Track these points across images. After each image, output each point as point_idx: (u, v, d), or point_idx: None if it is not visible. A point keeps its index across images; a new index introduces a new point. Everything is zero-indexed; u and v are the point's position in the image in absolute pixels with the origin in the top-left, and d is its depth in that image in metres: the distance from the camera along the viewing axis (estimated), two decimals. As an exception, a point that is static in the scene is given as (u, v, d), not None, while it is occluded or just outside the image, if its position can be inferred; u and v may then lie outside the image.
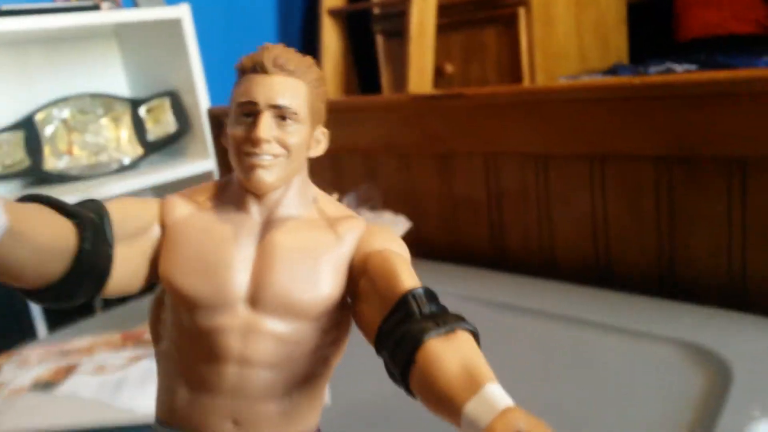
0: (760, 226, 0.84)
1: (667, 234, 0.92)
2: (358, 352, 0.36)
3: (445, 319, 0.31)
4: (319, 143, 0.38)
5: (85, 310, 1.59)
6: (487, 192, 1.09)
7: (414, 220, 1.11)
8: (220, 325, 0.35)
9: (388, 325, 0.33)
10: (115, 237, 0.35)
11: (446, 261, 1.15)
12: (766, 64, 1.64)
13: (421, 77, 1.81)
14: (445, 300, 0.34)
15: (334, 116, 1.36)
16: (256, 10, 2.16)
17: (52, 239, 0.31)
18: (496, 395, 0.28)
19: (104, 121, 1.72)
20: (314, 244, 0.37)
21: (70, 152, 1.67)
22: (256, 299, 0.35)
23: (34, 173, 1.59)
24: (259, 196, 0.37)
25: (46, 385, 0.82)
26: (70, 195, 1.45)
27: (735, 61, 1.69)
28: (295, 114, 0.36)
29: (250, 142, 0.34)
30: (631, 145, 0.91)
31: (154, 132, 1.74)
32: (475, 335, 0.32)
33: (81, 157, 1.68)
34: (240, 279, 0.36)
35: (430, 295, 0.33)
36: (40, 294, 0.33)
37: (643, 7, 2.24)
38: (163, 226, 0.37)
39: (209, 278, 0.35)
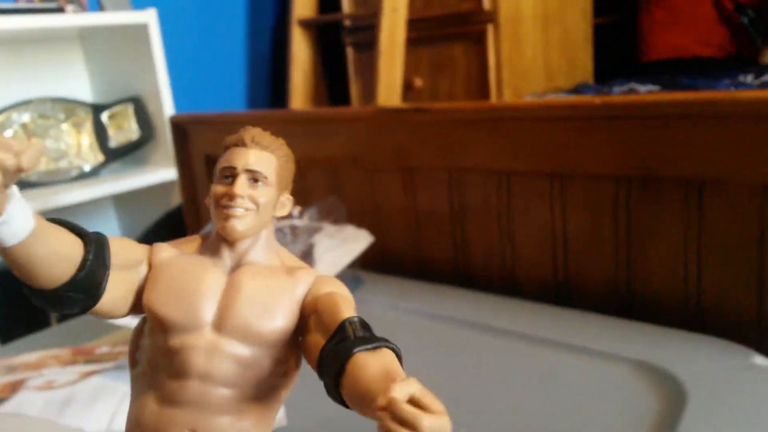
0: (716, 247, 0.85)
1: (626, 252, 0.93)
2: (314, 375, 0.40)
3: (372, 340, 0.37)
4: (284, 206, 0.46)
5: (39, 324, 1.55)
6: (451, 207, 1.09)
7: (378, 234, 1.10)
8: (188, 344, 0.42)
9: (327, 348, 0.38)
10: (112, 262, 0.41)
11: (410, 276, 1.15)
12: (726, 86, 1.67)
13: (390, 90, 1.81)
14: (407, 317, 0.44)
15: (301, 127, 1.35)
16: (225, 17, 2.15)
17: (64, 246, 0.38)
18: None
19: (65, 126, 1.68)
20: (274, 284, 0.44)
21: (28, 157, 1.62)
22: (220, 324, 0.42)
23: (-10, 178, 1.55)
24: (231, 243, 0.44)
25: (-11, 400, 0.79)
26: (28, 201, 1.41)
27: (697, 82, 1.73)
28: (266, 178, 0.44)
29: (227, 197, 0.42)
30: (591, 163, 0.92)
31: (116, 139, 1.70)
32: (398, 355, 0.37)
33: (40, 163, 1.64)
34: (208, 306, 0.43)
35: (364, 324, 0.39)
36: (44, 294, 0.39)
37: (608, 27, 2.28)
38: (150, 265, 0.45)
39: (182, 305, 0.42)
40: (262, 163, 0.44)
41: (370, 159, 1.15)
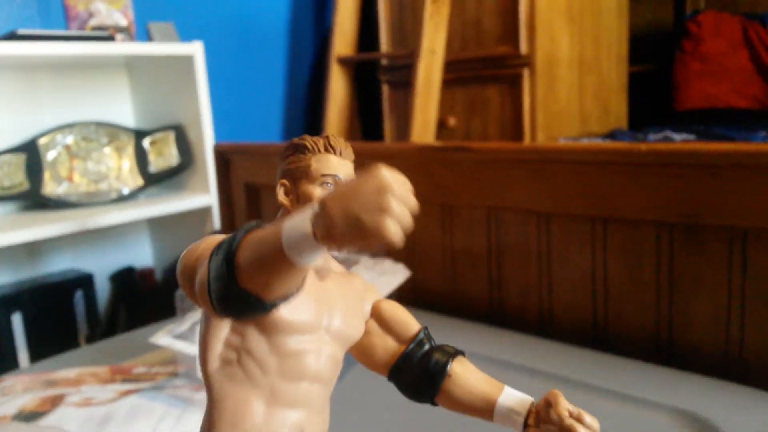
0: (760, 296, 0.84)
1: (667, 299, 0.92)
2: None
3: (448, 349, 0.47)
4: None
5: (67, 344, 1.57)
6: (488, 245, 1.10)
7: (414, 270, 1.11)
8: (306, 348, 0.43)
9: (411, 353, 0.47)
10: None
11: (445, 312, 1.14)
12: (763, 138, 1.67)
13: (424, 128, 1.84)
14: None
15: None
16: (266, 52, 2.20)
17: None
18: (513, 390, 0.46)
19: (107, 149, 1.72)
20: (352, 291, 0.48)
21: (70, 178, 1.66)
22: (329, 328, 0.45)
23: (32, 197, 1.59)
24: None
25: (30, 415, 0.80)
26: (65, 221, 1.44)
27: (732, 133, 1.73)
28: None
29: None
30: (633, 208, 0.92)
31: (156, 164, 1.74)
32: (463, 354, 0.48)
33: (81, 184, 1.68)
34: (324, 311, 0.45)
35: (430, 333, 0.49)
36: (261, 303, 0.37)
37: (643, 75, 2.30)
38: None
39: (306, 309, 0.44)
40: (353, 174, 0.47)
41: (409, 194, 1.16)
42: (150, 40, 1.66)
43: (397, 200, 0.30)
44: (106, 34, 1.56)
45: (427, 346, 0.47)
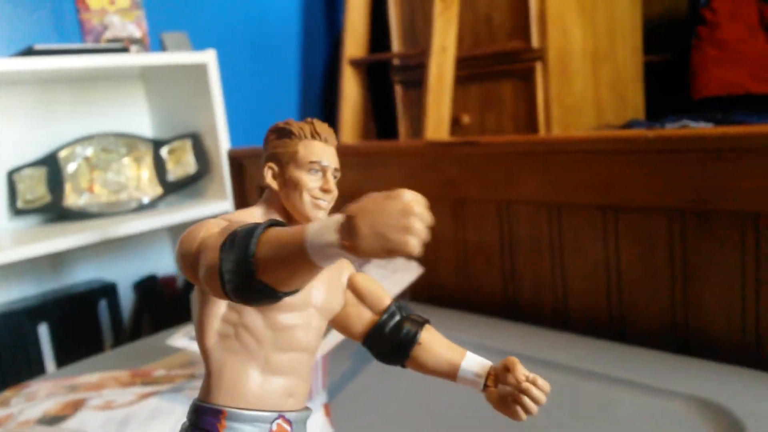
0: (776, 281, 0.83)
1: (681, 286, 0.91)
2: (359, 391, 0.42)
3: (417, 319, 0.51)
4: None
5: (93, 349, 1.60)
6: (500, 239, 1.10)
7: (427, 266, 1.11)
8: (298, 322, 0.47)
9: (383, 323, 0.51)
10: None
11: (459, 308, 1.14)
12: (782, 123, 1.64)
13: (437, 127, 1.84)
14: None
15: (352, 160, 1.37)
16: (279, 56, 2.22)
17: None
18: (475, 355, 0.50)
19: (126, 160, 1.75)
20: (333, 266, 0.51)
21: (90, 190, 1.70)
22: (316, 303, 0.49)
23: (54, 209, 1.62)
24: None
25: (53, 419, 0.82)
26: (87, 232, 1.47)
27: (751, 119, 1.70)
28: (339, 174, 0.50)
29: (322, 191, 0.48)
30: (645, 196, 0.91)
31: (174, 172, 1.77)
32: (429, 322, 0.52)
33: (101, 195, 1.71)
34: (314, 288, 0.48)
35: (403, 304, 0.53)
36: (273, 293, 0.39)
37: (659, 64, 2.27)
38: None
39: (302, 292, 0.45)
40: (337, 161, 0.49)
41: (420, 191, 1.16)
42: (164, 50, 1.69)
43: (419, 219, 0.34)
44: (120, 46, 1.59)
45: (398, 317, 0.51)
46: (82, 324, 1.62)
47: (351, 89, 2.10)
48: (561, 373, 0.88)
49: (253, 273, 0.38)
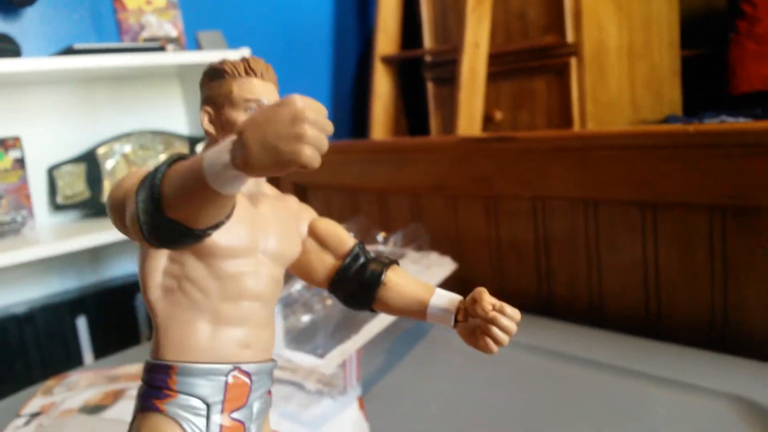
0: (820, 280, 0.81)
1: (721, 285, 0.90)
2: (400, 400, 0.42)
3: (383, 260, 0.50)
4: None
5: (130, 340, 1.63)
6: (535, 235, 1.09)
7: (460, 262, 1.11)
8: (243, 270, 0.45)
9: (347, 267, 0.50)
10: None
11: (491, 305, 1.14)
12: (825, 118, 1.60)
13: (470, 123, 1.83)
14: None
15: (384, 156, 1.37)
16: (312, 54, 2.24)
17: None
18: (444, 291, 0.48)
19: (163, 157, 1.78)
20: (287, 214, 0.50)
21: (128, 185, 1.73)
22: (265, 250, 0.47)
23: (93, 205, 1.66)
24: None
25: (94, 408, 0.84)
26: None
27: (793, 115, 1.66)
28: None
29: None
30: (683, 193, 0.90)
31: (208, 169, 1.79)
32: (397, 262, 0.51)
33: (138, 191, 1.74)
34: (259, 234, 0.47)
35: (365, 246, 0.52)
36: (191, 233, 0.38)
37: (697, 59, 2.23)
38: None
39: (241, 234, 0.45)
40: (275, 97, 0.47)
41: (453, 187, 1.16)
42: (199, 49, 1.71)
43: (312, 126, 0.31)
44: (157, 45, 1.62)
45: (362, 259, 0.50)
46: (120, 317, 1.65)
47: (383, 86, 2.11)
48: (597, 370, 0.87)
49: (160, 208, 0.36)
